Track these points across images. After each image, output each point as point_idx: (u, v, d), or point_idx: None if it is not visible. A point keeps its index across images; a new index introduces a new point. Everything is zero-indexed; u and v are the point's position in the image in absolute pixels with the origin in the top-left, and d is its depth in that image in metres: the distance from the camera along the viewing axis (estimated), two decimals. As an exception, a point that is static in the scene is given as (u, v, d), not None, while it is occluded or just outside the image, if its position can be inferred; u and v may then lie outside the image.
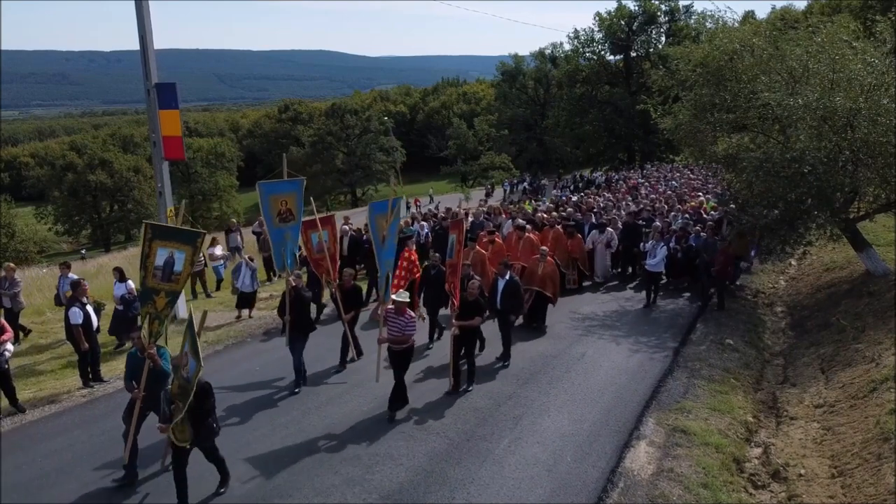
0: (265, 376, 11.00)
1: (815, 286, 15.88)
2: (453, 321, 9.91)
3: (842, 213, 13.98)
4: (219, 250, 17.96)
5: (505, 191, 48.91)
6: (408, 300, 9.10)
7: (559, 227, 16.46)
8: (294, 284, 10.31)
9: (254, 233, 21.49)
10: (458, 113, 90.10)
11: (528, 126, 69.69)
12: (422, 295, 12.09)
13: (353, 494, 7.25)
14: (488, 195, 46.33)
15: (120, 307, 12.70)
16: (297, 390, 10.20)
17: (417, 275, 13.03)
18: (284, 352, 10.58)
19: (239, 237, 20.29)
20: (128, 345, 12.01)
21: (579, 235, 16.52)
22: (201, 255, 16.92)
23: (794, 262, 18.85)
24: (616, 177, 41.20)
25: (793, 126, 13.71)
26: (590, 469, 7.74)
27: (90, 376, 10.92)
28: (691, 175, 33.78)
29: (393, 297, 9.21)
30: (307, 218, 11.82)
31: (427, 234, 18.81)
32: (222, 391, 9.78)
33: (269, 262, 18.50)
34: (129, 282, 12.76)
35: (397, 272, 10.68)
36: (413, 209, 40.63)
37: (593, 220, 17.80)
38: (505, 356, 11.20)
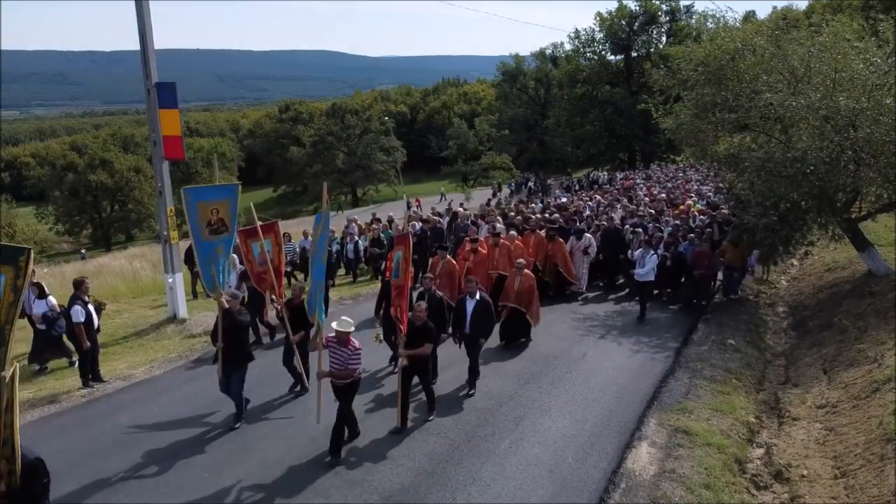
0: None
1: (817, 286, 15.85)
2: (401, 350, 8.67)
3: (843, 213, 13.94)
4: None
5: (511, 190, 48.90)
6: (351, 328, 7.92)
7: (542, 231, 15.71)
8: (227, 307, 8.92)
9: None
10: (459, 113, 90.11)
11: (529, 126, 69.73)
12: (380, 313, 11.14)
13: (353, 495, 7.22)
14: (495, 194, 46.06)
15: (42, 326, 11.45)
16: (236, 426, 8.92)
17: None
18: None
19: None
20: (49, 367, 11.66)
21: (561, 240, 15.54)
22: None
23: (795, 263, 18.82)
24: (620, 177, 40.95)
25: (795, 126, 13.69)
26: (591, 469, 7.71)
27: (90, 376, 10.89)
28: (694, 175, 33.49)
29: (334, 325, 7.91)
30: (246, 227, 10.94)
31: (417, 234, 17.86)
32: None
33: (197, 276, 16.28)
34: (51, 298, 11.65)
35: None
36: (414, 208, 40.60)
37: (581, 225, 17.01)
38: (471, 383, 9.96)
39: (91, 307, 10.98)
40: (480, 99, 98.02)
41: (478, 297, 10.01)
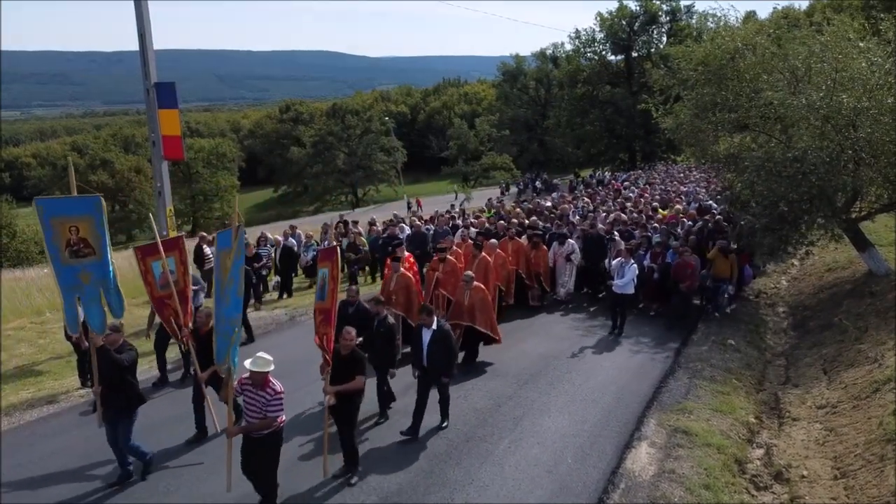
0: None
1: (818, 286, 15.82)
2: (326, 387, 7.36)
3: (844, 213, 13.92)
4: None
5: (519, 189, 48.89)
6: (269, 367, 6.43)
7: (522, 237, 14.82)
8: (101, 343, 7.49)
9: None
10: (459, 113, 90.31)
11: (530, 126, 69.72)
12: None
13: (351, 495, 7.20)
14: (503, 193, 45.82)
15: None
16: (134, 478, 7.64)
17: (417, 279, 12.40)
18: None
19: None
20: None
21: (545, 247, 14.66)
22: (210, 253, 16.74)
23: (796, 263, 18.79)
24: (623, 178, 40.52)
25: (795, 125, 13.65)
26: (590, 470, 7.69)
27: (88, 376, 10.86)
28: (698, 176, 33.04)
29: (247, 364, 6.46)
30: (144, 243, 9.65)
31: (407, 235, 17.58)
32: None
33: None
34: None
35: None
36: (414, 208, 40.59)
37: (564, 230, 15.85)
38: (444, 416, 8.83)
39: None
40: (481, 99, 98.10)
41: (434, 326, 8.49)
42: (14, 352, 13.09)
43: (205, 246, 16.92)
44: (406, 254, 13.12)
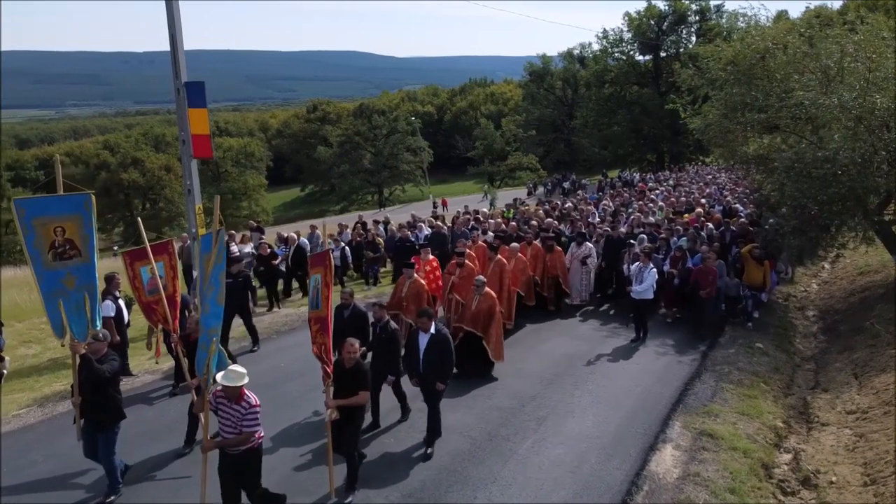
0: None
1: (849, 290, 15.54)
2: (328, 401, 7.04)
3: (876, 216, 13.65)
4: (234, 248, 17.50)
5: (547, 190, 48.71)
6: (243, 381, 6.09)
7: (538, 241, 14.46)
8: (82, 352, 6.97)
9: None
10: (486, 113, 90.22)
11: (556, 127, 69.53)
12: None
13: (374, 492, 7.25)
14: (530, 194, 45.62)
15: None
16: (109, 500, 7.21)
17: (438, 284, 12.33)
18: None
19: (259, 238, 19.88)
20: None
21: (559, 249, 14.29)
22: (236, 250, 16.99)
23: (826, 266, 18.48)
24: (651, 179, 40.04)
25: (826, 126, 13.42)
26: (614, 471, 7.65)
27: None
28: (725, 178, 32.57)
29: (219, 378, 6.13)
30: (131, 248, 9.29)
31: (426, 236, 17.53)
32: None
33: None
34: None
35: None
36: (440, 209, 40.63)
37: (581, 231, 15.47)
38: (431, 437, 8.27)
39: (122, 302, 11.18)
40: (507, 99, 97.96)
41: (432, 330, 8.16)
42: (48, 345, 13.42)
43: (232, 244, 17.16)
44: (430, 257, 12.80)
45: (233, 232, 19.19)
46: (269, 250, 15.97)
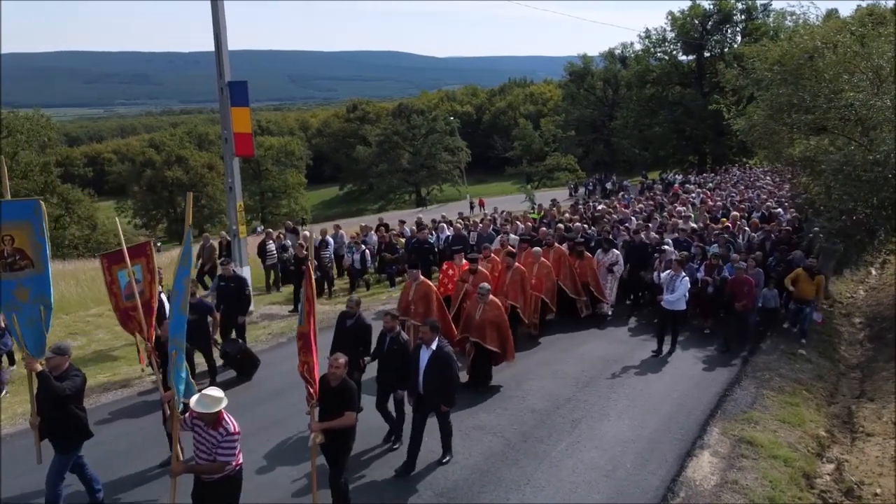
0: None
1: (898, 297, 15.06)
2: (312, 422, 6.40)
3: (928, 221, 13.20)
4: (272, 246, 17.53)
5: (588, 190, 48.29)
6: (220, 406, 5.56)
7: (563, 245, 13.79)
8: (39, 369, 6.36)
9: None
10: (525, 113, 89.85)
11: (596, 127, 68.76)
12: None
13: (406, 491, 7.28)
14: (571, 194, 45.18)
15: None
16: None
17: (451, 288, 11.99)
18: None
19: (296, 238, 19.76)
20: None
21: (589, 255, 13.61)
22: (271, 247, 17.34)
23: (874, 272, 17.93)
24: (694, 181, 38.96)
25: (877, 128, 13.03)
26: (650, 476, 7.55)
27: (160, 362, 11.24)
28: (765, 180, 31.70)
29: (193, 402, 5.59)
30: (109, 251, 8.74)
31: (448, 237, 17.32)
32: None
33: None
34: None
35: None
36: (477, 209, 40.61)
37: (609, 236, 14.76)
38: (445, 443, 7.93)
39: (164, 297, 11.42)
40: (546, 100, 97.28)
41: (434, 346, 7.59)
42: (93, 337, 13.81)
43: (269, 242, 17.49)
44: (463, 262, 12.13)
45: (270, 230, 19.51)
46: (304, 252, 16.14)
